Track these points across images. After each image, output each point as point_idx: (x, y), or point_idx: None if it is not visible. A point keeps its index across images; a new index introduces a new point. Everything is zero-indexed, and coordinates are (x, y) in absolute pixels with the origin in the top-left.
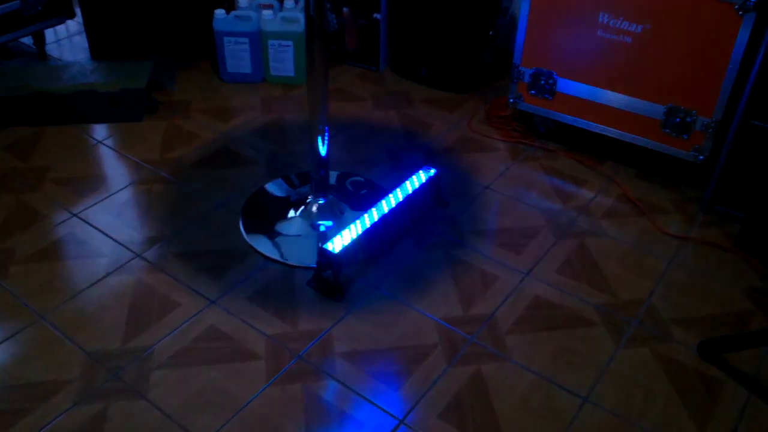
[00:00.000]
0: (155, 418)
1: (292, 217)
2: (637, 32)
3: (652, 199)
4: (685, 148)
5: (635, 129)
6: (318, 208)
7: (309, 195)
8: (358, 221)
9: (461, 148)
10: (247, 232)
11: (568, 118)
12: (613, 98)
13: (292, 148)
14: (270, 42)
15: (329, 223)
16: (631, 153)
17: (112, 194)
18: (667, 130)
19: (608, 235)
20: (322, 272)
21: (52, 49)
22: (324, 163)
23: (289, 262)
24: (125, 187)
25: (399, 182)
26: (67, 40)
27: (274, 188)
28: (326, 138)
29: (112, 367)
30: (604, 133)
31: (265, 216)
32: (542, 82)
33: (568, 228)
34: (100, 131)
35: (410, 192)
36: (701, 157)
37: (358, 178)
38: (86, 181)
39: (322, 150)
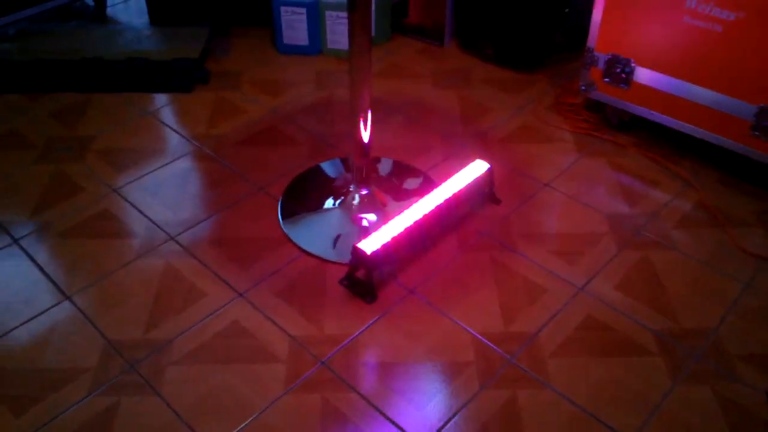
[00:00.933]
0: (164, 417)
1: (330, 208)
2: (729, 20)
3: (733, 209)
4: None
5: (720, 129)
6: (359, 200)
7: (351, 184)
8: (398, 217)
9: (522, 136)
10: (284, 219)
11: (645, 111)
12: (698, 93)
13: (343, 128)
14: (328, 13)
15: (372, 216)
16: (714, 154)
17: (154, 170)
18: (757, 133)
19: (677, 249)
20: (355, 272)
21: (114, 11)
22: (366, 150)
23: (324, 257)
24: (167, 163)
25: (449, 174)
26: (128, 3)
27: (330, 168)
28: (368, 122)
29: (130, 358)
30: (683, 130)
31: (305, 203)
32: (618, 69)
33: (633, 237)
34: (149, 101)
35: (459, 188)
36: None
37: (405, 166)
38: (129, 154)
39: (365, 135)
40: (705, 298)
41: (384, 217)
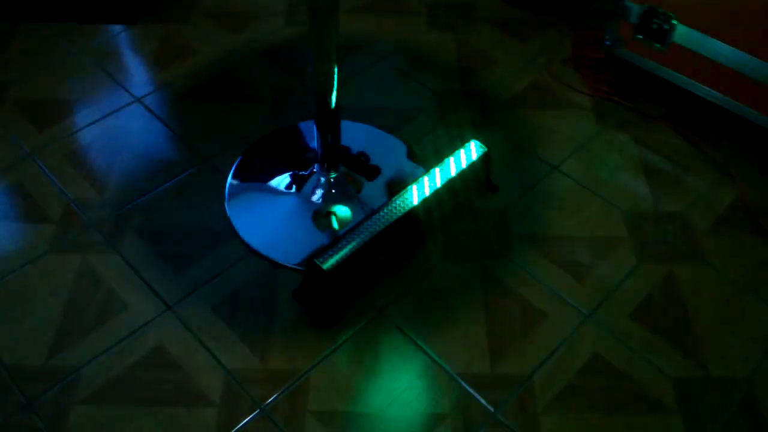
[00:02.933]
0: None
1: (289, 194)
2: None
3: None
4: None
5: None
6: (324, 186)
7: (314, 164)
8: (369, 217)
9: (531, 99)
10: (231, 205)
11: (682, 79)
12: (750, 64)
13: None
14: None
15: (346, 212)
16: (760, 139)
17: (80, 130)
18: None
19: (709, 264)
20: (311, 288)
21: None
22: (330, 119)
23: (276, 259)
24: (97, 120)
25: (438, 148)
26: None
27: (296, 135)
28: (334, 85)
29: (28, 393)
30: (727, 107)
31: (260, 185)
32: (655, 25)
33: (657, 244)
34: (84, 35)
35: (449, 178)
36: None
37: (385, 138)
38: (53, 107)
39: (330, 100)
40: (742, 334)
41: (356, 208)
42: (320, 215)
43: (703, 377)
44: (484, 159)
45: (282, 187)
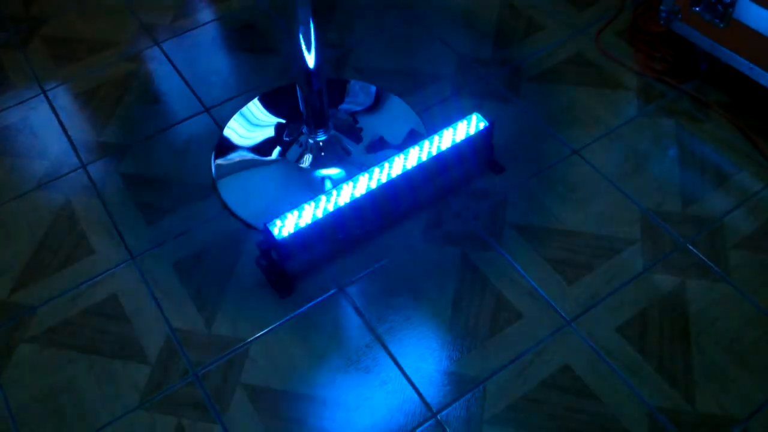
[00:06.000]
0: None
1: (275, 158)
2: None
3: None
4: None
5: None
6: (313, 149)
7: (302, 126)
8: (342, 185)
9: (569, 73)
10: (218, 160)
11: (743, 63)
12: None
13: (356, 32)
14: None
15: (340, 172)
16: None
17: (94, 71)
18: None
19: (730, 282)
20: (269, 254)
21: None
22: (313, 84)
23: (249, 222)
24: (111, 63)
25: (448, 120)
26: None
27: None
28: (312, 41)
29: None
30: None
31: (253, 141)
32: None
33: (673, 251)
34: None
35: (443, 150)
36: None
37: (388, 99)
38: (76, 46)
39: (309, 59)
40: (746, 368)
41: (352, 171)
42: (312, 179)
43: (687, 412)
44: (486, 134)
45: (275, 147)
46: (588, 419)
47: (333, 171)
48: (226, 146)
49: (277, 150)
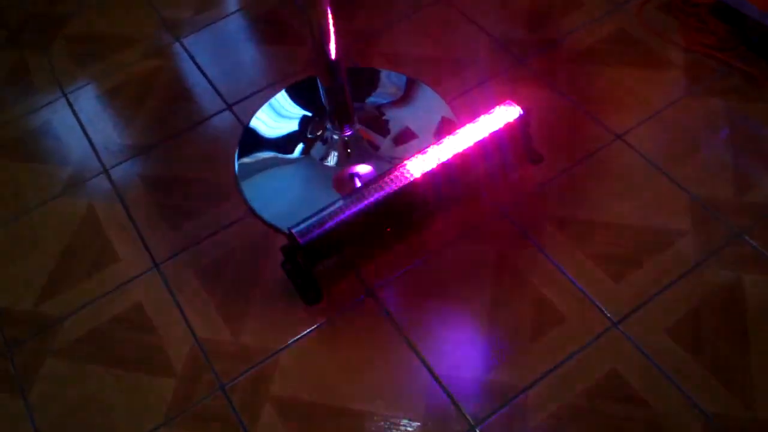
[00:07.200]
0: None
1: (298, 158)
2: None
3: None
4: None
5: None
6: (338, 145)
7: (326, 121)
8: (367, 185)
9: (610, 52)
10: (241, 159)
11: None
12: None
13: (384, 16)
14: None
15: (368, 168)
16: None
17: (117, 70)
18: None
19: None
20: (295, 258)
21: None
22: (335, 76)
23: (276, 224)
24: (133, 63)
25: (480, 109)
26: None
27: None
28: (330, 30)
29: (10, 338)
30: None
31: (278, 138)
32: None
33: (727, 245)
34: None
35: (472, 143)
36: None
37: (419, 87)
38: (98, 45)
39: (329, 49)
40: None
41: (379, 165)
42: (341, 177)
43: (748, 419)
44: (521, 123)
45: (299, 146)
46: (638, 428)
47: (361, 168)
48: (251, 143)
49: (300, 147)
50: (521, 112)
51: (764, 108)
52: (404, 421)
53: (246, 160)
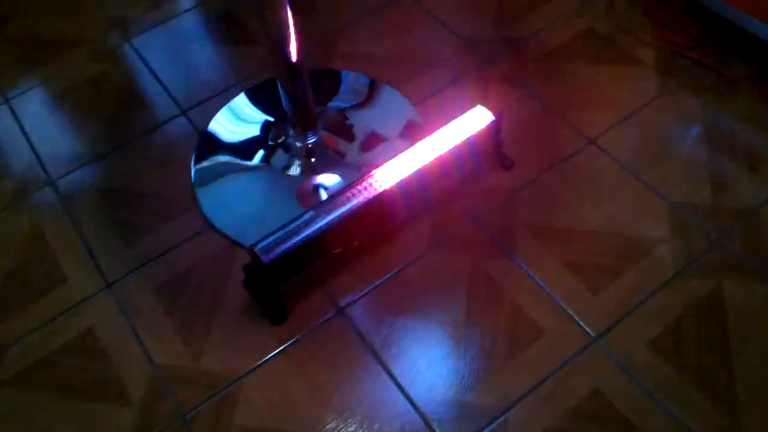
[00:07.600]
0: None
1: (258, 166)
2: None
3: None
4: None
5: None
6: (300, 153)
7: (287, 128)
8: (334, 195)
9: (580, 51)
10: (197, 169)
11: None
12: None
13: (344, 14)
14: None
15: (334, 177)
16: None
17: (62, 74)
18: None
19: None
20: (257, 277)
21: None
22: (296, 80)
23: (236, 238)
24: (82, 65)
25: (448, 113)
26: None
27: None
28: (290, 30)
29: None
30: None
31: (235, 144)
32: None
33: (707, 252)
34: None
35: (444, 150)
36: None
37: (382, 90)
38: (44, 47)
39: (289, 51)
40: None
41: (346, 175)
42: (306, 188)
43: None
44: (492, 129)
45: (260, 152)
46: None
47: (326, 177)
48: (209, 147)
49: (260, 154)
50: (494, 117)
51: (739, 107)
52: None
53: (204, 164)
